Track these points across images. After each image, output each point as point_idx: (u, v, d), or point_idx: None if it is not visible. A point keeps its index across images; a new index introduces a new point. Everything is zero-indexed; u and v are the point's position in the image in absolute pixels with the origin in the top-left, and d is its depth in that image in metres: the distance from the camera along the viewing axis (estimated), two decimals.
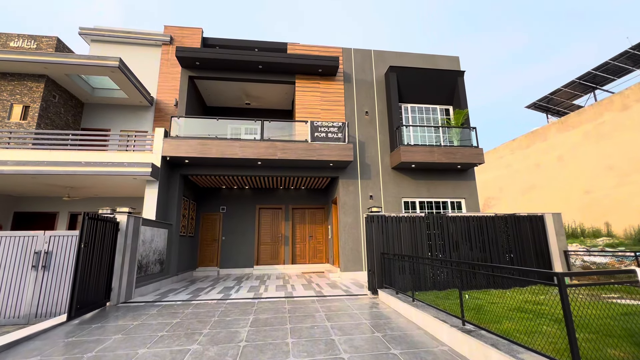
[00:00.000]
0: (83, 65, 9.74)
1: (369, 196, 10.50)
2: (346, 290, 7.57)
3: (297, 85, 11.12)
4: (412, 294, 5.25)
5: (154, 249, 8.16)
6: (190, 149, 9.21)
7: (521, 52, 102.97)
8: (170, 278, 9.08)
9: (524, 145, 21.80)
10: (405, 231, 7.18)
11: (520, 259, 7.47)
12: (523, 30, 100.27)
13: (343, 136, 9.97)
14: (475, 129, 10.70)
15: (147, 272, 7.75)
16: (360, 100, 11.35)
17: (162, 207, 9.15)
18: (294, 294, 7.18)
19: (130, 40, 12.41)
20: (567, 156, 18.20)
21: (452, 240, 7.32)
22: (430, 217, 7.38)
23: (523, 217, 7.75)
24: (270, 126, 10.45)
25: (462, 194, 11.01)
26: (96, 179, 8.66)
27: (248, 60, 10.48)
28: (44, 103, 10.10)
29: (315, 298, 6.63)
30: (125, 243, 6.51)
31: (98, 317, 5.24)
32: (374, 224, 7.03)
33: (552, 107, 23.55)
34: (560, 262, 7.60)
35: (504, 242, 7.52)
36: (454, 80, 11.51)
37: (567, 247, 7.79)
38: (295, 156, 9.52)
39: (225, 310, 5.65)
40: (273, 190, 12.98)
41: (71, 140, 9.13)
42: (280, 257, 12.44)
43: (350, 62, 11.66)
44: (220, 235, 12.26)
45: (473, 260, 7.27)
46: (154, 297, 6.90)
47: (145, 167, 8.34)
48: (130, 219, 6.71)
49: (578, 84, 20.52)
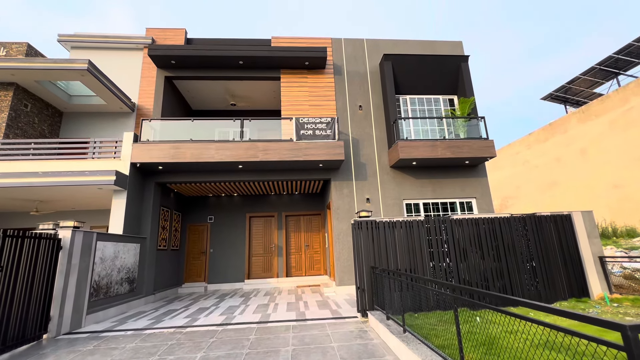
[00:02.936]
0: (50, 70, 9.05)
1: (366, 199, 9.34)
2: (335, 310, 6.41)
3: (283, 81, 10.15)
4: (402, 322, 4.06)
5: (119, 267, 7.24)
6: (162, 153, 8.33)
7: (532, 48, 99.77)
8: (143, 298, 8.13)
9: (541, 138, 20.14)
10: (401, 239, 5.99)
11: (545, 269, 6.14)
12: (529, 29, 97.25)
13: (332, 133, 8.90)
14: (484, 119, 9.43)
15: (109, 294, 6.81)
16: (353, 94, 10.27)
17: (133, 219, 8.26)
18: (271, 317, 6.08)
19: (111, 45, 11.76)
20: (591, 148, 16.50)
21: (460, 247, 6.08)
22: (431, 221, 6.17)
23: (546, 218, 6.43)
24: (257, 127, 9.54)
25: (473, 193, 9.71)
26: (57, 190, 7.87)
27: (227, 55, 9.62)
28: (13, 112, 9.47)
29: (293, 323, 5.51)
30: (70, 263, 5.59)
31: (20, 357, 4.29)
32: (362, 231, 5.89)
33: (571, 97, 21.80)
34: (595, 271, 6.22)
35: (523, 248, 6.21)
36: (458, 67, 10.30)
37: (603, 252, 6.41)
38: (278, 157, 8.50)
39: (176, 343, 4.60)
40: (264, 197, 11.98)
41: (33, 150, 8.44)
42: (274, 269, 11.36)
43: (341, 53, 10.63)
44: (208, 248, 11.30)
45: (485, 271, 5.99)
46: (109, 324, 5.94)
47: (108, 175, 7.49)
48: (78, 234, 5.80)
49: (598, 70, 18.83)
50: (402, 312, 4.06)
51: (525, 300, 2.01)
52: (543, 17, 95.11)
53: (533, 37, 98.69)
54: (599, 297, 6.00)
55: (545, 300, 5.94)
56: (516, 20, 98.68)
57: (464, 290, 2.74)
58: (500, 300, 3.23)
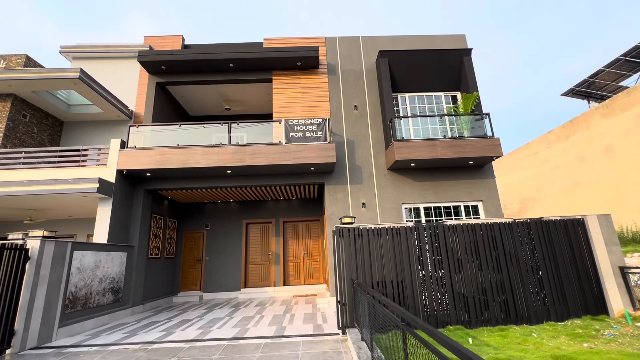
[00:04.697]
0: (44, 80, 9.15)
1: (362, 204, 8.80)
2: (319, 325, 5.90)
3: (275, 82, 9.83)
4: (370, 344, 3.51)
5: (100, 277, 7.04)
6: (148, 160, 8.16)
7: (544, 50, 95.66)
8: (130, 308, 7.91)
9: (562, 136, 18.83)
10: (388, 248, 5.43)
11: (555, 282, 5.40)
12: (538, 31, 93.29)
13: (324, 134, 8.46)
14: (489, 115, 8.71)
15: (89, 305, 6.61)
16: (348, 94, 9.81)
17: (120, 227, 8.10)
18: (248, 332, 5.64)
19: (110, 55, 11.88)
20: (617, 145, 15.18)
21: (454, 257, 5.45)
22: (421, 228, 5.58)
23: (554, 223, 5.68)
24: (255, 132, 9.25)
25: (479, 195, 8.96)
26: (44, 199, 7.83)
27: (217, 58, 9.40)
28: (11, 123, 9.63)
29: (266, 341, 5.05)
30: (39, 274, 5.40)
31: None
32: (343, 239, 5.38)
33: (595, 91, 20.37)
34: (615, 284, 5.41)
35: (529, 257, 5.50)
36: (460, 61, 9.64)
37: (625, 261, 5.58)
38: (266, 161, 8.14)
39: None
40: (261, 203, 11.65)
41: (23, 159, 8.50)
42: (271, 278, 10.95)
43: (335, 52, 10.21)
44: (204, 255, 11.05)
45: (484, 284, 5.32)
46: (81, 338, 5.70)
47: (91, 183, 7.36)
48: (48, 244, 5.61)
49: (624, 61, 17.49)
50: (370, 334, 3.51)
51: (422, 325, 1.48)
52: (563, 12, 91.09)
53: (555, 34, 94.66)
54: (620, 314, 5.20)
55: (556, 318, 5.20)
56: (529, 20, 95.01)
57: (405, 316, 2.20)
58: (502, 311, 2.67)
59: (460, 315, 5.16)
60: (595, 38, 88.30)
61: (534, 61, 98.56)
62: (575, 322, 5.04)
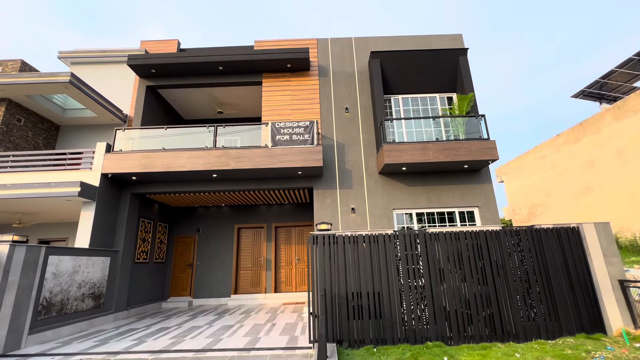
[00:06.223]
0: (35, 84, 9.21)
1: (351, 209, 8.50)
2: (295, 337, 5.61)
3: (265, 85, 9.67)
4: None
5: (79, 282, 6.93)
6: (133, 163, 8.07)
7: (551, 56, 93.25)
8: (112, 314, 7.78)
9: (571, 140, 18.10)
10: (365, 257, 5.12)
11: (546, 295, 4.97)
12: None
13: (311, 137, 8.22)
14: (484, 117, 8.32)
15: (65, 311, 6.48)
16: (339, 96, 9.56)
17: (104, 231, 8.01)
18: (219, 344, 5.40)
19: (107, 59, 11.97)
20: (630, 148, 14.44)
21: (436, 267, 5.09)
22: (401, 235, 5.25)
23: (546, 231, 5.27)
24: (249, 136, 9.08)
25: (475, 201, 8.54)
26: (29, 203, 7.81)
27: (206, 61, 9.31)
28: (4, 127, 9.73)
29: (234, 354, 4.79)
30: (7, 280, 5.29)
31: None
32: (317, 246, 5.11)
33: (607, 93, 19.55)
34: (614, 299, 4.95)
35: (518, 268, 5.09)
36: (455, 61, 9.28)
37: (624, 274, 5.12)
38: (251, 165, 7.94)
39: None
40: (253, 207, 11.45)
41: (11, 162, 8.53)
42: (262, 284, 10.71)
43: (327, 54, 10.00)
44: (194, 260, 10.90)
45: (469, 297, 4.94)
46: (50, 346, 5.55)
47: (72, 186, 7.29)
48: (19, 249, 5.51)
49: (637, 61, 16.73)
50: (336, 349, 3.22)
51: None
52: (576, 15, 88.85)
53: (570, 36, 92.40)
54: (619, 332, 4.73)
55: (546, 336, 4.77)
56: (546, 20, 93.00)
57: None
58: (487, 327, 2.35)
59: (441, 331, 4.79)
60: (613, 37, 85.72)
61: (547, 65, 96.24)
62: (567, 340, 4.61)
